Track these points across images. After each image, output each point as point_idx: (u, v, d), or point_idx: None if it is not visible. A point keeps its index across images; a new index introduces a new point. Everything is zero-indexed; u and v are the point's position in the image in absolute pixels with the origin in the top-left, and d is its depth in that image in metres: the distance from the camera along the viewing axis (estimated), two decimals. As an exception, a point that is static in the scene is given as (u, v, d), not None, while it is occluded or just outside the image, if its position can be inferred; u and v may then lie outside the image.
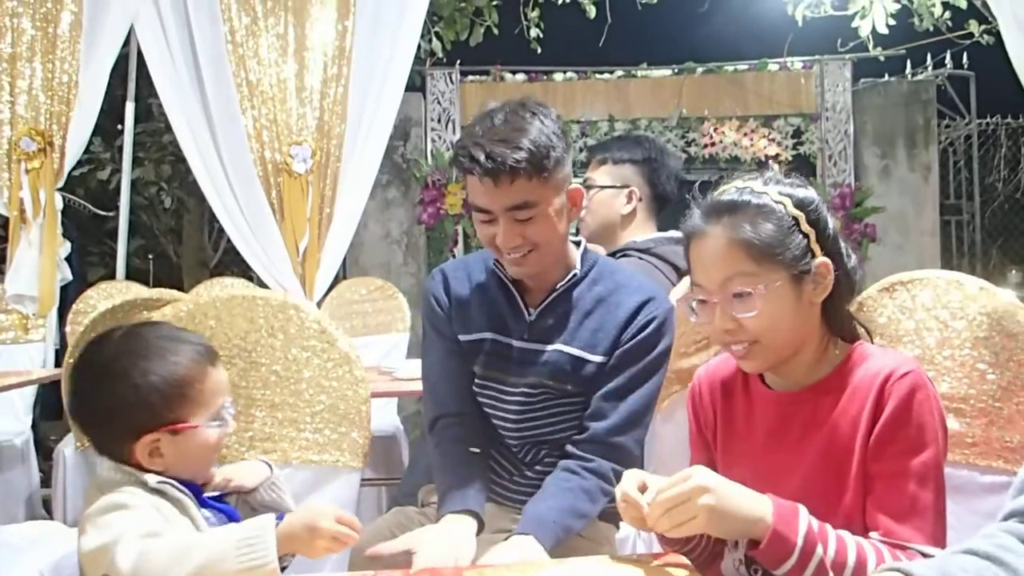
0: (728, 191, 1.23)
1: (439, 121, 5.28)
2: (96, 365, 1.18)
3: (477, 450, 1.61)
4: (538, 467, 1.61)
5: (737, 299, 1.17)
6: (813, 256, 1.19)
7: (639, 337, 1.55)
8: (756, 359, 1.21)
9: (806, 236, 1.18)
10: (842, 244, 1.24)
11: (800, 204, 1.19)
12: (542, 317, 1.61)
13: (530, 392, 1.59)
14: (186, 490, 1.17)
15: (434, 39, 5.53)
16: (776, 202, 1.19)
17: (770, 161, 5.29)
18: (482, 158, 1.45)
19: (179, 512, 1.15)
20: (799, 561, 1.03)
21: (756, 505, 1.05)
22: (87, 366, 1.19)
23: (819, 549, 1.04)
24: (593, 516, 1.52)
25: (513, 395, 1.61)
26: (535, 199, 1.48)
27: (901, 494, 1.11)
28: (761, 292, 1.16)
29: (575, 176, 1.65)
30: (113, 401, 1.15)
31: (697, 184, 1.31)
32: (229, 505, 1.26)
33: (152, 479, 1.15)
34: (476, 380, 1.66)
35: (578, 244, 1.66)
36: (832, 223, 1.23)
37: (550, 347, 1.58)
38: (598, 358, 1.56)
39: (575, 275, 1.61)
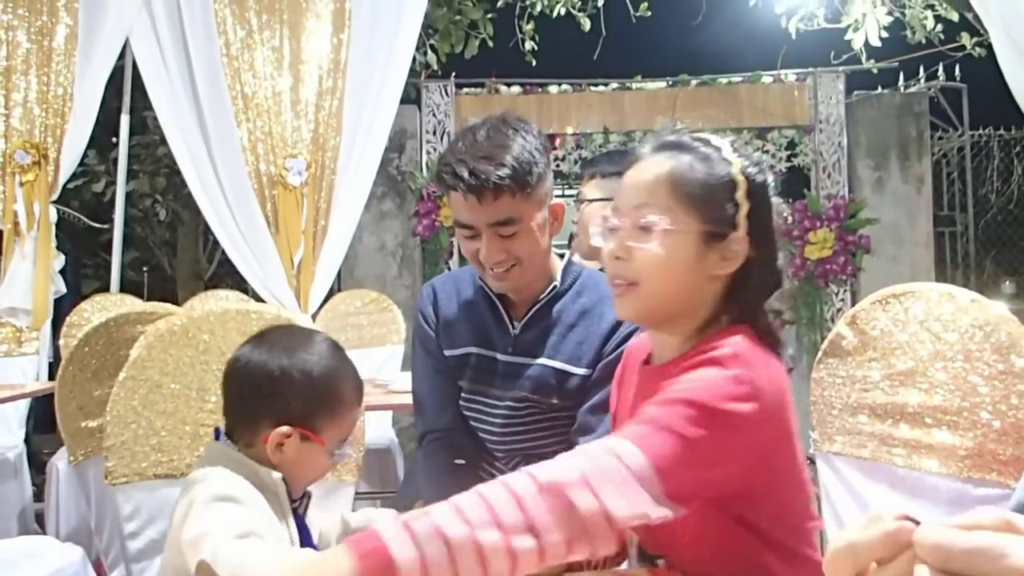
0: (686, 132, 1.18)
1: (434, 133, 5.29)
2: (275, 345, 1.21)
3: (462, 462, 1.61)
4: None
5: (641, 230, 1.10)
6: (735, 228, 1.10)
7: (621, 348, 1.55)
8: (628, 305, 1.14)
9: (737, 205, 1.10)
10: (776, 240, 1.15)
11: (747, 175, 1.12)
12: (526, 331, 1.61)
13: (516, 406, 1.60)
14: (289, 501, 1.20)
15: (429, 52, 5.55)
16: (724, 158, 1.12)
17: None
18: (466, 175, 1.45)
19: (279, 517, 1.16)
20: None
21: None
22: (266, 345, 1.22)
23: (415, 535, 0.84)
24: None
25: (499, 409, 1.61)
26: (518, 215, 1.49)
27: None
28: (665, 227, 1.08)
29: (571, 188, 1.65)
30: (281, 378, 1.18)
31: None
32: (307, 526, 1.27)
33: (276, 475, 1.18)
34: (463, 394, 1.67)
35: (562, 256, 1.66)
36: (776, 218, 1.15)
37: (535, 361, 1.59)
38: (582, 371, 1.56)
39: (555, 287, 1.61)
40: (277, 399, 1.19)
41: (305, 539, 1.23)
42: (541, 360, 1.58)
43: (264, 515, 1.12)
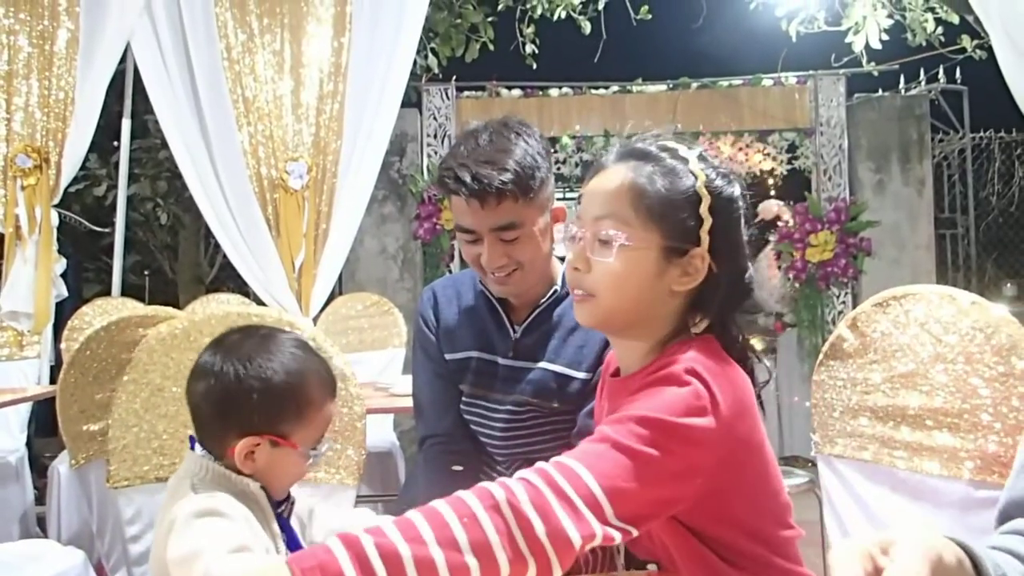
0: (653, 140, 1.14)
1: (435, 137, 5.30)
2: (232, 353, 1.17)
3: (460, 468, 1.61)
4: None
5: (600, 243, 1.08)
6: (697, 243, 1.07)
7: None
8: (585, 314, 1.13)
9: (700, 220, 1.07)
10: (743, 254, 1.12)
11: (712, 189, 1.08)
12: (527, 335, 1.61)
13: (516, 410, 1.60)
14: (272, 507, 1.18)
15: (430, 55, 5.56)
16: (689, 171, 1.08)
17: (767, 176, 5.31)
18: (468, 179, 1.44)
19: (263, 526, 1.15)
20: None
21: None
22: (222, 352, 1.18)
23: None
24: None
25: (500, 412, 1.61)
26: (520, 220, 1.49)
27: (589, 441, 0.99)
28: (622, 242, 1.06)
29: (572, 191, 1.66)
30: (239, 390, 1.15)
31: None
32: (294, 529, 1.25)
33: (254, 485, 1.16)
34: (463, 398, 1.67)
35: (562, 260, 1.66)
36: (743, 232, 1.12)
37: (535, 365, 1.58)
38: (583, 375, 1.56)
39: (556, 291, 1.61)
40: (239, 411, 1.15)
41: (292, 544, 1.22)
42: (542, 364, 1.58)
43: (248, 526, 1.11)
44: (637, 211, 1.07)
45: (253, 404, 1.15)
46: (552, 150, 5.31)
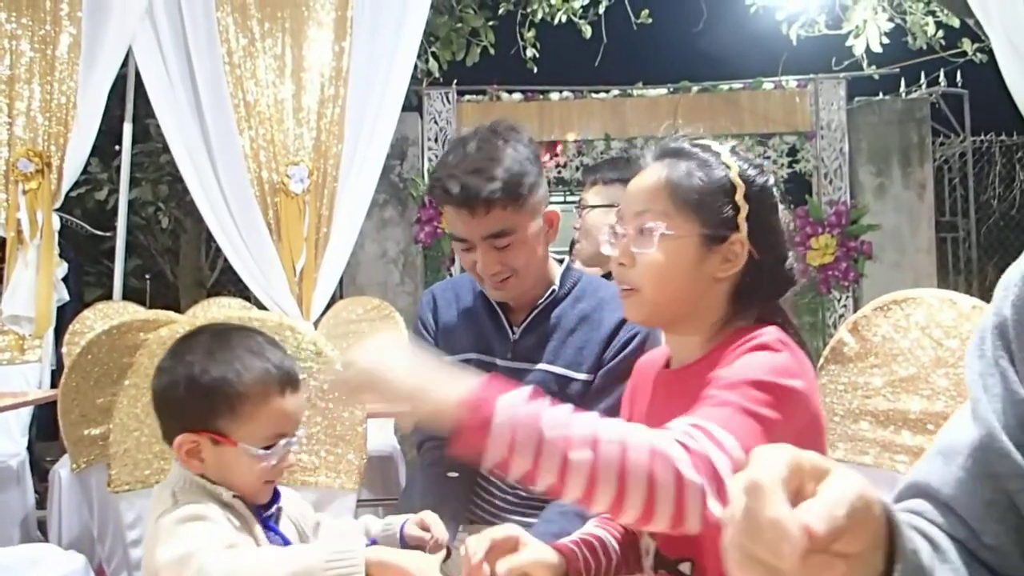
0: (686, 139, 1.20)
1: (436, 140, 5.30)
2: (178, 351, 1.19)
3: (455, 475, 1.61)
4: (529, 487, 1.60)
5: (641, 235, 1.13)
6: (735, 230, 1.12)
7: (622, 355, 1.55)
8: (633, 308, 1.17)
9: (736, 207, 1.12)
10: (784, 242, 1.17)
11: (745, 177, 1.13)
12: (525, 336, 1.61)
13: None
14: (252, 511, 1.18)
15: (431, 59, 5.57)
16: (722, 163, 1.14)
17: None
18: (456, 190, 1.45)
19: (246, 531, 1.15)
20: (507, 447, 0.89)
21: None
22: (175, 347, 1.20)
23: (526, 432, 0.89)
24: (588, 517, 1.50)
25: None
26: (512, 226, 1.49)
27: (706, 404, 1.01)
28: (662, 231, 1.11)
29: (572, 195, 1.66)
30: (169, 388, 1.16)
31: None
32: (284, 534, 1.25)
33: (226, 494, 1.15)
34: None
35: (560, 261, 1.66)
36: (783, 219, 1.17)
37: (535, 367, 1.58)
38: (583, 376, 1.56)
39: (554, 291, 1.61)
40: (171, 408, 1.17)
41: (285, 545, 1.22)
42: (541, 365, 1.58)
43: (233, 531, 1.11)
44: (675, 203, 1.12)
45: (181, 400, 1.15)
46: (553, 154, 5.34)
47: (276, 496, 1.24)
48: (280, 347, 1.24)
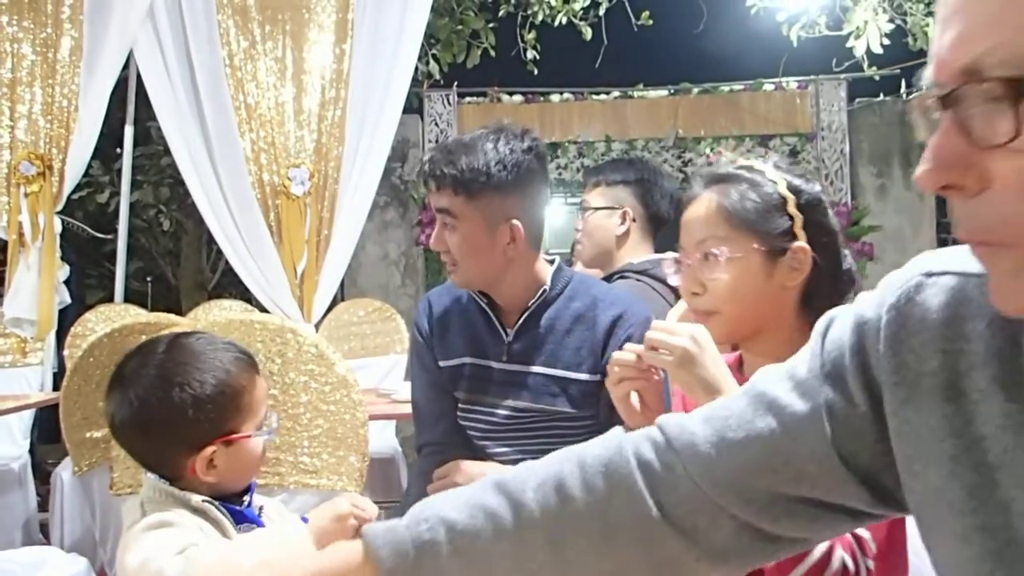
0: (728, 164, 1.26)
1: (436, 143, 5.30)
2: (147, 378, 1.15)
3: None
4: None
5: (706, 261, 1.19)
6: (795, 239, 1.18)
7: None
8: (714, 330, 1.19)
9: (791, 218, 1.18)
10: (840, 245, 1.23)
11: (794, 189, 1.20)
12: (519, 338, 1.61)
13: (516, 415, 1.59)
14: (225, 511, 1.17)
15: (431, 61, 5.57)
16: (769, 179, 1.20)
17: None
18: (428, 163, 1.57)
19: (220, 534, 1.15)
20: None
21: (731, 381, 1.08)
22: (136, 379, 1.15)
23: None
24: None
25: (498, 418, 1.61)
26: (456, 212, 1.55)
27: None
28: (727, 255, 1.17)
29: (573, 196, 1.68)
30: (172, 413, 1.13)
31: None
32: (262, 522, 1.25)
33: (196, 499, 1.15)
34: (460, 405, 1.66)
35: (551, 262, 1.67)
36: (834, 223, 1.23)
37: (532, 369, 1.59)
38: (584, 376, 1.56)
39: (544, 291, 1.61)
40: (183, 435, 1.15)
41: None
42: (539, 368, 1.58)
43: (201, 532, 1.11)
44: (733, 226, 1.18)
45: (192, 421, 1.14)
46: (553, 156, 5.32)
47: (250, 487, 1.24)
48: (227, 341, 1.25)
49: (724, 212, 1.19)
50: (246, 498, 1.23)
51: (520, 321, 1.61)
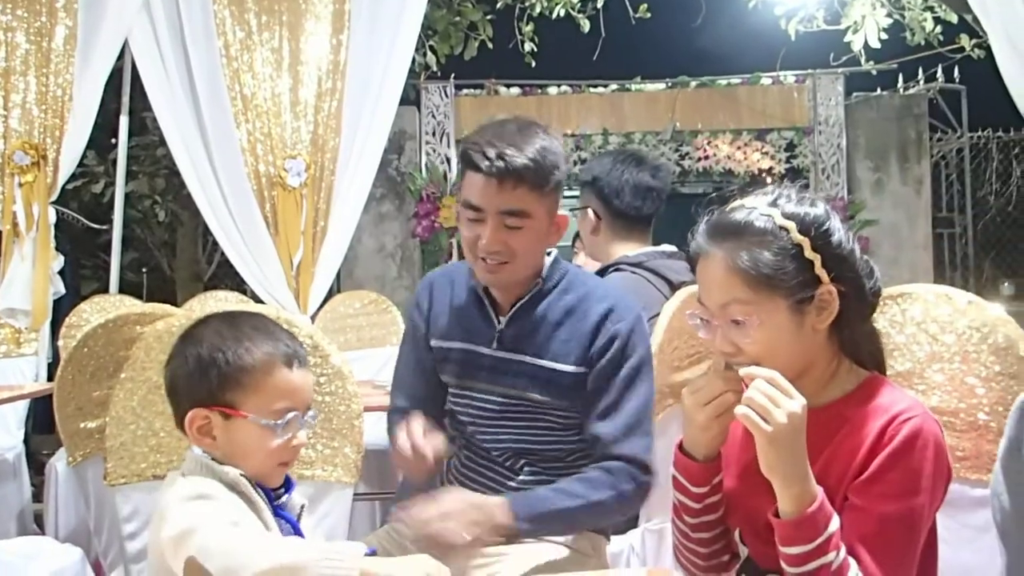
0: (734, 211, 1.20)
1: (433, 134, 5.30)
2: (188, 334, 1.22)
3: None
4: (522, 476, 1.61)
5: (735, 325, 1.16)
6: (819, 282, 1.15)
7: (610, 352, 1.55)
8: None
9: (810, 262, 1.14)
10: (859, 263, 1.20)
11: (806, 228, 1.15)
12: (511, 326, 1.61)
13: (506, 403, 1.60)
14: (261, 492, 1.18)
15: (428, 53, 5.56)
16: (780, 227, 1.15)
17: (765, 175, 5.31)
18: (492, 155, 1.47)
19: (254, 513, 1.15)
20: (814, 552, 1.06)
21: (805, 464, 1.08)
22: (185, 331, 1.24)
23: (832, 555, 1.06)
24: (590, 500, 1.49)
25: (489, 404, 1.61)
26: (529, 210, 1.50)
27: (881, 533, 1.10)
28: (756, 323, 1.14)
29: (570, 190, 1.67)
30: (179, 367, 1.19)
31: (706, 199, 1.27)
32: (298, 522, 1.24)
33: (232, 471, 1.15)
34: (451, 390, 1.67)
35: (548, 254, 1.66)
36: (848, 240, 1.19)
37: (523, 359, 1.59)
38: (571, 368, 1.56)
39: (539, 283, 1.61)
40: (181, 384, 1.19)
41: (296, 533, 1.22)
42: (529, 358, 1.58)
43: (237, 511, 1.11)
44: (753, 288, 1.14)
45: (190, 375, 1.18)
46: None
47: (289, 484, 1.24)
48: (288, 331, 1.26)
49: (740, 274, 1.14)
50: (283, 493, 1.22)
51: (514, 310, 1.61)
